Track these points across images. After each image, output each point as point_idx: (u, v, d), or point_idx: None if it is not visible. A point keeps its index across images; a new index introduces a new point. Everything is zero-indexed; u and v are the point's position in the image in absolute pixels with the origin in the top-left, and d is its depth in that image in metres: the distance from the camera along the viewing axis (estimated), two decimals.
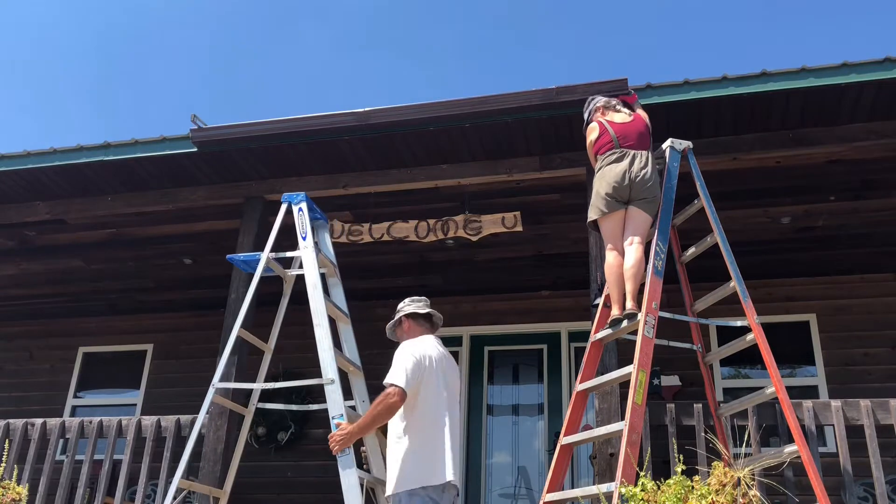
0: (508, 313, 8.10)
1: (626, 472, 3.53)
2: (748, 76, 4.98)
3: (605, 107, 4.84)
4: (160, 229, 6.92)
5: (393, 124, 5.41)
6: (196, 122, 5.72)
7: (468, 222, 6.01)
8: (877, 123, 5.18)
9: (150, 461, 5.32)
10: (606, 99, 4.88)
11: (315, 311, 4.37)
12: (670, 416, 4.55)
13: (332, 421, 3.98)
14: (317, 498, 7.30)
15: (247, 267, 5.11)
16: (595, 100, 4.90)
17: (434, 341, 4.12)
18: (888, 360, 7.09)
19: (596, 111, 4.86)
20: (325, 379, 4.12)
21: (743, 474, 3.37)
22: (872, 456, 4.23)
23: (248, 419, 4.82)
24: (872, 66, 4.81)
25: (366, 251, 6.49)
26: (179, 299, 8.66)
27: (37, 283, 8.22)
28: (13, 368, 9.27)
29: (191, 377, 8.13)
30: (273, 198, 5.96)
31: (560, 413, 7.52)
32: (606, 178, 4.54)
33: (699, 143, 5.06)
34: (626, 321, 4.31)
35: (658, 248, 4.37)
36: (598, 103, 4.87)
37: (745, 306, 4.24)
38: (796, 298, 7.47)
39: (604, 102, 4.86)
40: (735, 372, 7.52)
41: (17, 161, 6.07)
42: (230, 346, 4.68)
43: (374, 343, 7.90)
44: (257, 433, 7.96)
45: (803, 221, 6.44)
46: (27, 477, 5.34)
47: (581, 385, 4.42)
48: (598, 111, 4.85)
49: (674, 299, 5.10)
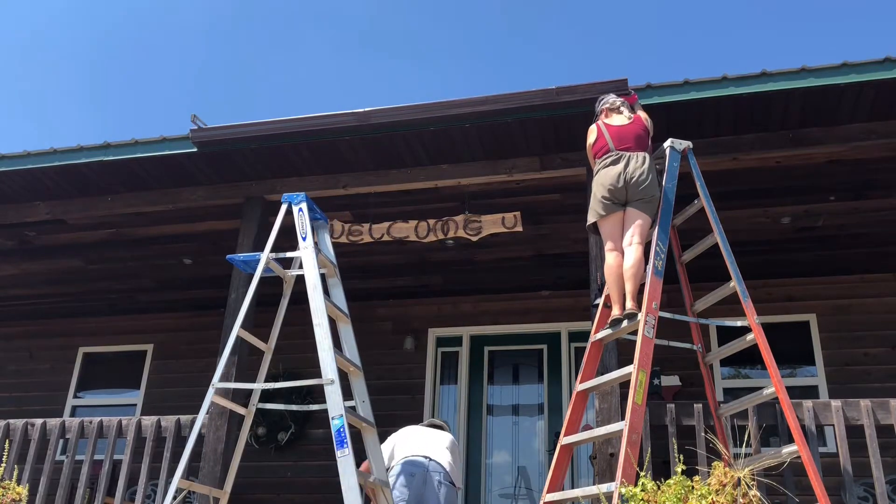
0: (508, 313, 8.10)
1: (627, 472, 3.53)
2: (748, 76, 4.98)
3: (609, 108, 4.84)
4: (160, 229, 6.92)
5: (393, 124, 5.41)
6: (196, 123, 5.72)
7: (468, 222, 6.01)
8: (877, 123, 5.17)
9: (150, 461, 5.32)
10: (613, 100, 4.87)
11: (315, 312, 4.36)
12: (670, 416, 4.55)
13: (331, 422, 3.98)
14: (317, 498, 7.30)
15: (246, 267, 5.10)
16: (603, 100, 4.90)
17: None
18: (888, 360, 7.10)
19: (601, 113, 4.86)
20: (325, 379, 4.12)
21: (743, 474, 3.36)
22: (872, 456, 4.22)
23: (249, 419, 4.82)
24: (872, 66, 4.80)
25: (366, 251, 6.49)
26: (179, 299, 8.66)
27: (37, 283, 8.22)
28: (13, 368, 9.28)
29: (191, 377, 8.14)
30: (273, 198, 5.96)
31: (560, 413, 7.53)
32: (602, 182, 4.56)
33: (699, 143, 5.06)
34: (626, 321, 4.31)
35: (658, 248, 4.37)
36: (605, 104, 4.87)
37: (745, 306, 4.24)
38: (796, 298, 7.48)
39: (609, 104, 4.85)
40: (735, 372, 7.52)
41: (17, 161, 6.07)
42: (230, 347, 4.67)
43: (375, 343, 7.98)
44: (257, 433, 7.96)
45: (803, 221, 6.44)
46: (27, 477, 5.34)
47: (581, 385, 4.42)
48: (602, 113, 4.85)
49: (674, 299, 5.10)
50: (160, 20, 20.77)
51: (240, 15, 20.48)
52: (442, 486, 4.76)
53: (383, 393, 7.57)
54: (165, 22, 20.87)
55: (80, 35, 22.05)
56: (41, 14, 20.65)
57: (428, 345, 8.17)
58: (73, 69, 22.42)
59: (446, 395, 8.04)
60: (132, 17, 20.65)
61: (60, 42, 22.08)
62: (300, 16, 20.09)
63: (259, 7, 20.32)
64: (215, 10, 20.53)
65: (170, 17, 20.81)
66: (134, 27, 20.96)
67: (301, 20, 20.31)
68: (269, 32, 20.71)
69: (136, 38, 21.49)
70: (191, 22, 21.05)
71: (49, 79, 22.43)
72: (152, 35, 21.10)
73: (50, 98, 23.02)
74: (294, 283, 4.90)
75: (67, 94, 22.87)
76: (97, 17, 21.13)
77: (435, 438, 5.04)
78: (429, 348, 8.16)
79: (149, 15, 20.53)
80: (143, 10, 20.34)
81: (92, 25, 21.46)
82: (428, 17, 20.06)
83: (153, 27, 20.93)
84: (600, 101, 4.91)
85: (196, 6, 20.57)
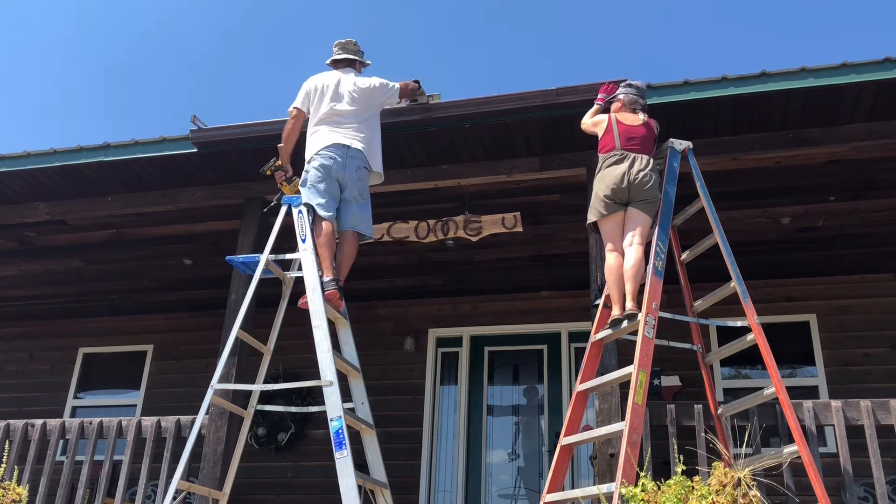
0: (508, 313, 8.10)
1: (627, 472, 3.53)
2: (748, 76, 4.98)
3: (625, 103, 4.82)
4: (160, 230, 6.92)
5: (392, 125, 5.40)
6: (196, 123, 5.71)
7: (468, 223, 6.01)
8: (877, 123, 5.17)
9: (150, 462, 5.32)
10: (634, 97, 4.84)
11: (314, 314, 4.37)
12: (670, 416, 4.55)
13: (330, 423, 3.98)
14: (316, 498, 7.30)
15: (246, 269, 5.10)
16: (621, 93, 4.88)
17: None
18: (888, 360, 7.09)
19: (615, 101, 4.85)
20: (324, 381, 4.12)
21: (743, 475, 3.36)
22: (873, 456, 4.22)
23: (248, 420, 4.82)
24: (872, 67, 4.80)
25: (366, 251, 6.48)
26: (179, 300, 8.66)
27: (37, 283, 8.22)
28: (13, 369, 9.28)
29: (191, 378, 8.14)
30: (273, 198, 5.95)
31: (560, 413, 7.53)
32: (605, 181, 4.55)
33: (699, 143, 5.06)
34: (626, 321, 4.31)
35: (658, 249, 4.37)
36: (621, 96, 4.85)
37: (745, 306, 4.24)
38: (796, 298, 7.47)
39: (627, 99, 4.82)
40: (735, 372, 7.52)
41: (17, 161, 6.07)
42: (229, 347, 4.68)
43: (375, 344, 7.98)
44: (257, 434, 7.96)
45: (803, 221, 6.44)
46: (27, 478, 5.34)
47: (581, 385, 4.42)
48: (617, 102, 4.84)
49: (674, 299, 5.10)
50: (162, 22, 20.78)
51: (241, 18, 20.51)
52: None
53: (383, 393, 7.58)
54: (166, 24, 20.88)
55: (81, 36, 22.05)
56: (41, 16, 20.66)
57: (428, 345, 8.16)
58: (72, 70, 22.43)
59: (446, 396, 8.04)
60: (133, 19, 20.67)
61: (61, 43, 22.09)
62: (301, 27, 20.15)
63: (261, 10, 20.35)
64: (217, 13, 20.56)
65: (172, 18, 20.82)
66: (135, 28, 20.99)
67: (302, 30, 20.36)
68: (272, 35, 20.74)
69: (136, 39, 21.51)
70: (192, 25, 21.07)
71: (49, 80, 22.44)
72: (153, 37, 21.12)
73: (51, 99, 23.03)
74: (293, 283, 4.90)
75: (67, 96, 22.89)
76: (98, 18, 21.14)
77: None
78: (429, 349, 8.15)
79: (150, 18, 20.54)
80: (145, 13, 20.35)
81: (92, 27, 21.47)
82: (427, 17, 20.07)
83: (154, 29, 20.94)
84: (618, 92, 4.88)
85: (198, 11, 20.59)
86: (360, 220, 4.90)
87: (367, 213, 4.98)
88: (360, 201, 4.91)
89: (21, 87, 22.53)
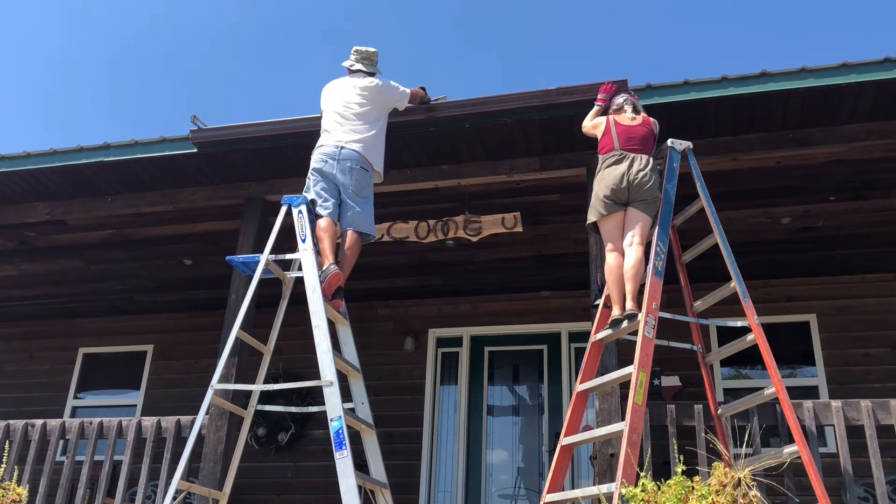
0: (508, 314, 8.10)
1: (627, 472, 3.53)
2: (748, 76, 4.98)
3: (624, 103, 4.84)
4: (160, 230, 6.92)
5: (392, 125, 5.40)
6: (196, 123, 5.71)
7: (468, 223, 6.01)
8: (877, 123, 5.17)
9: (150, 462, 5.32)
10: (626, 97, 4.87)
11: (314, 314, 4.37)
12: (670, 416, 4.55)
13: (330, 423, 3.98)
14: (316, 499, 7.30)
15: (246, 269, 5.10)
16: (619, 96, 4.90)
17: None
18: (888, 360, 7.09)
19: (613, 105, 4.87)
20: (324, 381, 4.12)
21: (743, 475, 3.36)
22: (873, 456, 4.22)
23: (248, 420, 4.82)
24: (872, 67, 4.80)
25: (366, 251, 6.47)
26: (179, 300, 8.66)
27: (37, 283, 8.22)
28: (13, 369, 9.28)
29: (191, 378, 8.14)
30: (273, 198, 5.95)
31: (560, 413, 7.53)
32: (605, 181, 4.55)
33: (699, 143, 5.06)
34: (626, 322, 4.31)
35: (658, 249, 4.37)
36: (619, 100, 4.87)
37: (746, 306, 4.24)
38: (796, 298, 7.47)
39: (623, 101, 4.85)
40: (735, 372, 7.52)
41: (17, 162, 6.07)
42: (229, 347, 4.67)
43: (375, 344, 7.98)
44: (257, 434, 7.96)
45: (803, 221, 6.44)
46: (27, 478, 5.34)
47: (581, 385, 4.42)
48: (615, 106, 4.86)
49: (674, 299, 5.10)
50: (162, 24, 20.78)
51: (241, 19, 20.51)
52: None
53: (383, 393, 7.58)
54: (167, 25, 20.88)
55: (82, 38, 22.06)
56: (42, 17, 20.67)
57: (428, 345, 8.16)
58: (73, 71, 22.43)
59: (446, 396, 8.04)
60: (133, 20, 20.67)
61: (61, 44, 22.09)
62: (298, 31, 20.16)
63: (261, 12, 20.35)
64: (216, 15, 20.56)
65: (173, 19, 20.82)
66: (135, 29, 20.99)
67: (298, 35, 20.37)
68: (272, 36, 20.74)
69: (137, 40, 21.51)
70: (192, 27, 21.07)
71: (49, 80, 22.44)
72: (154, 38, 21.12)
73: (50, 100, 23.04)
74: (293, 284, 4.90)
75: (67, 96, 22.90)
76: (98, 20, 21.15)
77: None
78: (429, 349, 8.15)
79: (149, 19, 20.54)
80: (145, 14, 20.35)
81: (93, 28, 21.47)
82: (427, 16, 20.07)
83: (155, 30, 20.94)
84: (616, 95, 4.92)
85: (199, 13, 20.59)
86: (358, 219, 4.91)
87: (367, 211, 4.98)
88: (358, 200, 4.92)
89: (21, 88, 22.55)
